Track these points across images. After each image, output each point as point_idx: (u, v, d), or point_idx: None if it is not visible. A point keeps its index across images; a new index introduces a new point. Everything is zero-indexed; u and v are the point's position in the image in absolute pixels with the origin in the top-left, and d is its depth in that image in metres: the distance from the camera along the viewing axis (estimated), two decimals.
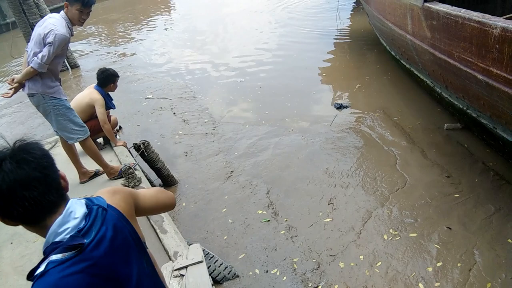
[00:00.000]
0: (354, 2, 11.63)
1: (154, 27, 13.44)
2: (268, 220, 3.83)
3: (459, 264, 3.01)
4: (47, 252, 1.13)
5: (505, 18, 3.25)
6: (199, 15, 14.64)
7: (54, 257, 1.10)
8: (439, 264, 3.04)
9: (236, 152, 5.16)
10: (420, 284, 2.89)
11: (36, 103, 3.49)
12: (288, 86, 6.98)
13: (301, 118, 5.83)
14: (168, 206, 1.61)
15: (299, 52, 8.70)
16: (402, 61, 6.37)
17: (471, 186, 3.81)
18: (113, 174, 3.88)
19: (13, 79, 3.43)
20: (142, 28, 13.44)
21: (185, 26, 13.06)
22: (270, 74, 7.79)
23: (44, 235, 1.17)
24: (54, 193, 1.18)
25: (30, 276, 1.13)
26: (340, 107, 5.89)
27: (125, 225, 1.28)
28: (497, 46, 3.10)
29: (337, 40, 9.26)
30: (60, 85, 3.58)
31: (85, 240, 1.15)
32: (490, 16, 3.26)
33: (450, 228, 3.36)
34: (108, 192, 1.35)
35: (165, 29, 13.11)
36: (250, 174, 4.62)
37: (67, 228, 1.15)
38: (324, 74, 7.41)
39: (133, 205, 1.38)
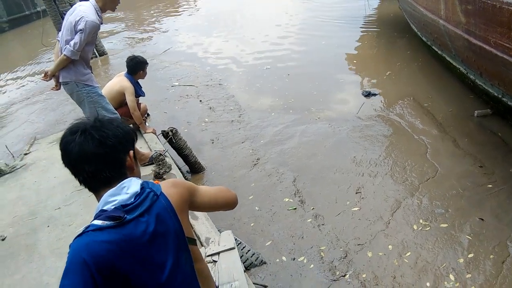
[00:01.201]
0: None
1: (179, 14, 13.50)
2: (295, 208, 3.83)
3: (491, 256, 2.94)
4: (94, 217, 1.22)
5: None
6: (225, 3, 14.56)
7: (95, 221, 1.19)
8: (470, 255, 2.98)
9: (262, 139, 5.17)
10: (451, 275, 2.84)
11: (70, 91, 3.58)
12: (315, 74, 6.90)
13: (328, 106, 5.77)
14: (228, 206, 1.63)
15: (327, 40, 8.57)
16: (433, 47, 6.19)
17: (505, 177, 3.69)
18: (144, 161, 3.96)
19: (46, 74, 3.53)
20: (168, 16, 13.51)
21: (210, 14, 13.05)
22: (296, 62, 7.71)
23: None
24: (112, 170, 1.28)
25: None
26: (368, 94, 5.78)
27: (171, 217, 1.30)
28: None
29: (366, 27, 9.07)
30: (92, 72, 3.66)
31: (127, 216, 1.21)
32: None
33: (482, 219, 3.28)
34: (169, 182, 1.41)
35: (190, 16, 13.13)
36: (276, 162, 4.63)
37: (115, 200, 1.23)
38: (353, 62, 7.28)
39: (188, 201, 1.41)
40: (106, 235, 1.17)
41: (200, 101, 6.57)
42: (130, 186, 1.27)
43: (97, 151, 1.24)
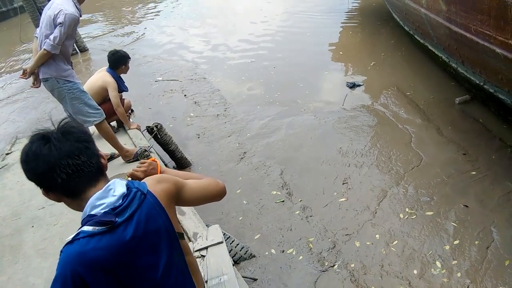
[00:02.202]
0: None
1: (161, 10, 13.29)
2: (283, 201, 3.84)
3: (476, 242, 2.99)
4: (83, 223, 1.19)
5: None
6: None
7: (85, 228, 1.17)
8: (456, 242, 3.03)
9: (249, 133, 5.15)
10: (437, 262, 2.89)
11: (51, 88, 3.50)
12: (300, 66, 6.89)
13: (313, 98, 5.77)
14: (216, 198, 1.60)
15: (311, 31, 8.56)
16: (416, 36, 6.23)
17: (488, 163, 3.76)
18: (129, 157, 3.91)
19: (25, 71, 3.43)
20: (150, 11, 13.31)
21: (193, 8, 12.89)
22: (282, 55, 7.68)
23: (83, 209, 1.23)
24: (95, 165, 1.26)
25: None
26: (353, 86, 5.80)
27: (160, 214, 1.28)
28: None
29: (350, 18, 9.08)
30: (72, 68, 3.58)
31: (117, 219, 1.19)
32: None
33: (467, 206, 3.33)
34: (153, 179, 1.37)
35: (172, 11, 12.95)
36: (263, 155, 4.62)
37: (103, 204, 1.20)
38: (337, 53, 7.28)
39: (174, 196, 1.38)
40: (97, 241, 1.15)
41: (185, 95, 6.51)
42: (116, 188, 1.25)
43: (78, 145, 1.23)
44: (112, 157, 4.02)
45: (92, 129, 4.39)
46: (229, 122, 5.49)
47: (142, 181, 1.36)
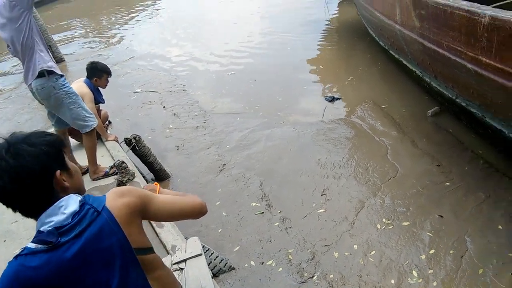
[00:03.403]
0: None
1: (140, 19, 13.26)
2: (262, 212, 3.84)
3: (451, 251, 3.06)
4: (33, 238, 1.18)
5: (494, 7, 3.29)
6: (186, 6, 14.45)
7: (29, 244, 1.16)
8: (432, 251, 3.09)
9: (228, 145, 5.15)
10: (414, 272, 2.94)
11: (46, 95, 3.33)
12: (280, 80, 6.94)
13: (293, 111, 5.83)
14: (193, 215, 1.50)
15: (291, 46, 8.66)
16: (391, 51, 6.41)
17: (461, 175, 3.87)
18: (96, 175, 3.80)
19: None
20: (128, 21, 13.25)
21: (173, 19, 12.91)
22: (261, 68, 7.74)
23: None
24: (39, 200, 1.20)
25: None
26: (332, 99, 5.90)
27: (115, 232, 1.24)
28: (485, 35, 3.13)
29: (328, 32, 9.26)
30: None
31: (60, 239, 1.16)
32: (479, 4, 3.29)
33: (441, 216, 3.41)
34: (116, 193, 1.32)
35: (152, 21, 12.94)
36: (242, 167, 4.62)
37: (51, 222, 1.18)
38: (316, 68, 7.39)
39: (139, 210, 1.32)
40: (37, 260, 1.13)
41: (164, 107, 6.47)
42: (68, 205, 1.22)
43: (13, 189, 1.16)
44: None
45: (72, 141, 4.32)
46: (208, 134, 5.49)
47: (108, 193, 1.32)
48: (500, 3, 3.95)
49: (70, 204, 1.22)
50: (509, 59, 2.98)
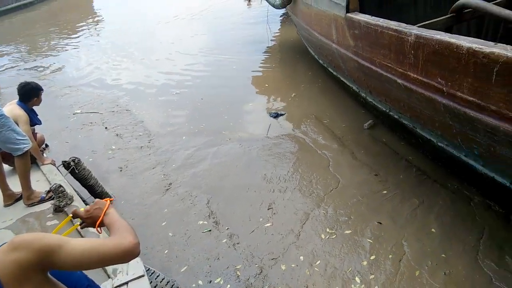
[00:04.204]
0: (282, 15, 12.02)
1: (80, 40, 12.85)
2: (210, 230, 3.82)
3: (390, 256, 3.22)
4: None
5: (418, 26, 3.59)
6: (129, 25, 14.24)
7: None
8: (372, 257, 3.23)
9: (174, 164, 5.09)
10: (357, 278, 3.05)
11: None
12: (225, 99, 7.00)
13: (238, 128, 5.89)
14: (116, 260, 1.27)
15: (236, 65, 8.78)
16: (329, 68, 6.72)
17: (397, 183, 4.10)
18: (31, 200, 3.57)
19: None
20: (68, 41, 12.80)
21: (115, 38, 12.63)
22: (206, 87, 7.75)
23: None
24: None
25: None
26: (276, 115, 6.05)
27: None
28: (412, 52, 3.39)
29: (271, 51, 9.52)
30: None
31: None
32: (405, 24, 3.57)
33: (380, 223, 3.59)
34: (9, 246, 1.15)
35: (93, 41, 12.58)
36: (189, 185, 4.58)
37: None
38: (261, 85, 7.54)
39: (36, 264, 1.15)
40: None
41: (106, 128, 6.28)
42: None
43: None
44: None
45: (6, 166, 4.04)
46: (153, 154, 5.39)
47: (3, 245, 1.16)
48: (424, 22, 4.30)
49: None
50: (433, 74, 3.24)
